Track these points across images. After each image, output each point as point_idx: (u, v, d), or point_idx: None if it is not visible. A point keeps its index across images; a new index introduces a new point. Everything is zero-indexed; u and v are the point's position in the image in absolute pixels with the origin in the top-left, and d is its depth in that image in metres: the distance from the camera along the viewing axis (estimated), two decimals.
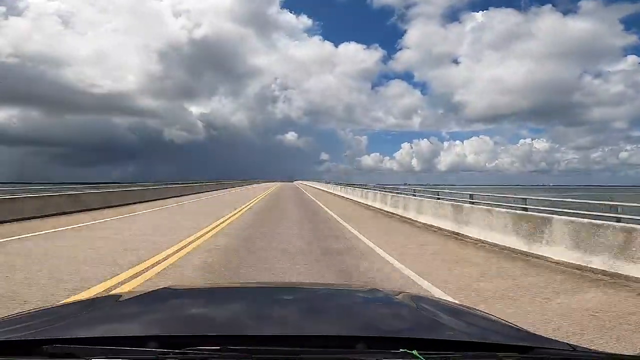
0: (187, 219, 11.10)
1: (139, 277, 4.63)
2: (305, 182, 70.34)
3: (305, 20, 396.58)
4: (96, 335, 0.84)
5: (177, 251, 6.15)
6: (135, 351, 0.77)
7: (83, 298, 1.37)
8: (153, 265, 5.18)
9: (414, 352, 0.76)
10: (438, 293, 4.14)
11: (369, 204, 17.33)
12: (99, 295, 2.26)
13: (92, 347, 0.78)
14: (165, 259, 5.59)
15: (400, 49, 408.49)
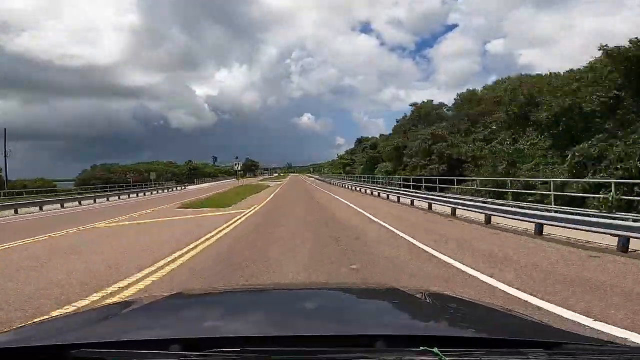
0: None
1: None
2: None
3: None
4: (120, 339, 0.86)
5: None
6: (158, 354, 0.79)
7: (105, 304, 1.24)
8: None
9: (435, 349, 0.74)
10: None
11: None
12: (118, 301, 2.21)
13: (118, 351, 0.80)
14: None
15: None
